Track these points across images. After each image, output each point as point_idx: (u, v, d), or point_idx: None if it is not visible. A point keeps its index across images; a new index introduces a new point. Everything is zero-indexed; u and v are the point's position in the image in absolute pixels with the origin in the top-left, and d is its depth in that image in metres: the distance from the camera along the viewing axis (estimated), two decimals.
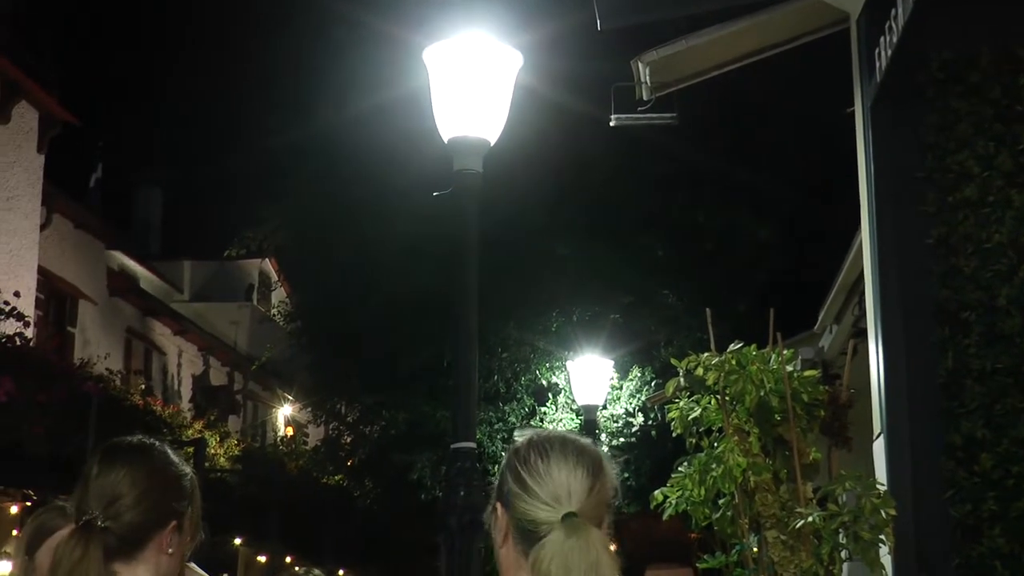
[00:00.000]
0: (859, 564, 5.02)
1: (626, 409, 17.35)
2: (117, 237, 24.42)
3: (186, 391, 26.38)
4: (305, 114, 18.65)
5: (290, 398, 27.28)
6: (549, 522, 2.04)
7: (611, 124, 9.68)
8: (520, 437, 2.19)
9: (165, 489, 2.30)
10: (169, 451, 2.37)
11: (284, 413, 29.07)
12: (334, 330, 18.13)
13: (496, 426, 17.28)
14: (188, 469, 2.40)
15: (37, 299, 18.43)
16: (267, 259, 30.70)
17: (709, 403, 5.44)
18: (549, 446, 2.12)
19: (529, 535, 2.07)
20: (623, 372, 17.16)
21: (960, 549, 5.11)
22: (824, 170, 16.46)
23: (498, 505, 2.15)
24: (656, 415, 16.30)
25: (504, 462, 2.17)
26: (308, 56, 20.03)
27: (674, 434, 5.64)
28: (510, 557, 2.13)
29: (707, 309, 5.84)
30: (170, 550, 2.29)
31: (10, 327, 10.76)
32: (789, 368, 5.27)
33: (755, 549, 5.29)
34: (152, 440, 2.38)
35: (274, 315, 28.72)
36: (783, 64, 8.36)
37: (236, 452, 19.92)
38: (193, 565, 2.50)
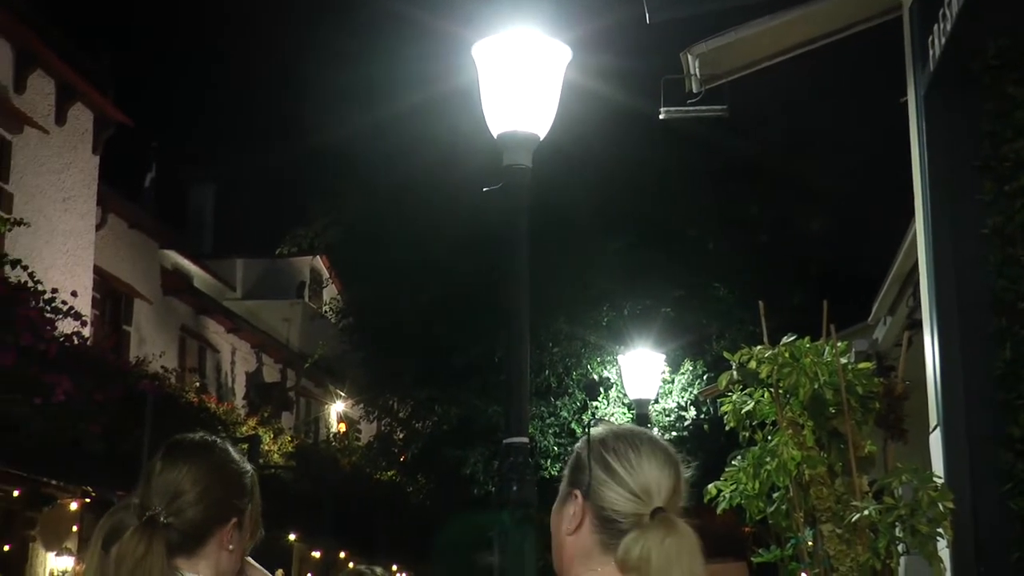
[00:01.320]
0: (917, 558, 4.97)
1: (678, 403, 17.30)
2: (171, 236, 24.63)
3: (240, 388, 26.56)
4: (356, 111, 18.72)
5: (342, 394, 27.40)
6: (635, 514, 2.04)
7: (661, 117, 9.64)
8: (599, 430, 2.17)
9: (226, 486, 2.31)
10: (230, 449, 2.39)
11: (336, 409, 29.18)
12: (385, 326, 18.19)
13: (548, 421, 17.28)
14: (248, 467, 2.41)
15: (93, 298, 18.63)
16: (318, 256, 30.84)
17: (762, 396, 5.40)
18: (639, 440, 2.12)
19: (611, 526, 2.06)
20: (675, 366, 17.11)
21: (1020, 543, 5.04)
22: (877, 160, 16.33)
23: (576, 493, 2.12)
24: (708, 409, 16.25)
25: (584, 451, 2.14)
26: (359, 53, 20.12)
27: (727, 428, 5.61)
28: (580, 546, 2.11)
29: (759, 302, 5.80)
30: (230, 547, 2.30)
31: (68, 326, 10.87)
32: (843, 360, 5.23)
33: (810, 543, 5.25)
34: (214, 438, 2.40)
35: (326, 312, 28.88)
36: (834, 54, 8.29)
37: (290, 449, 20.02)
38: (252, 561, 2.51)
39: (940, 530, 4.74)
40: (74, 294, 11.23)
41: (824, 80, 15.95)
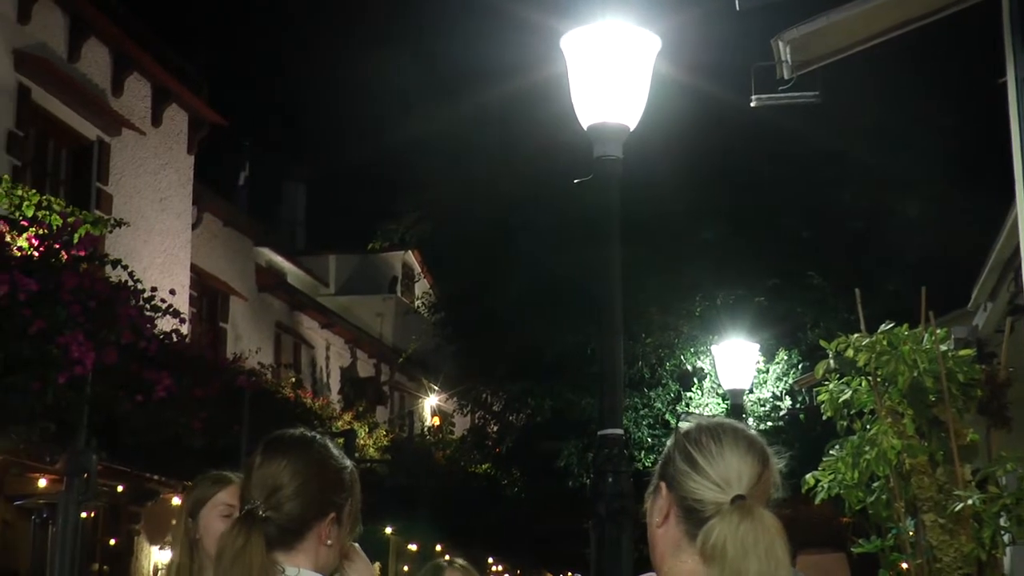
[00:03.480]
0: (1023, 548, 4.88)
1: (773, 393, 17.14)
2: (265, 234, 24.96)
3: (334, 383, 26.84)
4: (445, 104, 18.81)
5: (436, 388, 27.57)
6: (716, 503, 2.05)
7: (752, 105, 9.54)
8: (688, 423, 2.19)
9: (324, 481, 2.33)
10: (330, 444, 2.41)
11: (430, 403, 29.39)
12: (478, 320, 18.25)
13: (642, 412, 17.22)
14: (348, 463, 2.43)
15: (191, 296, 18.95)
16: (410, 251, 31.04)
17: (860, 385, 5.34)
18: (721, 430, 2.13)
19: (694, 515, 2.07)
20: (769, 355, 16.95)
21: None
22: (975, 143, 16.01)
23: (661, 485, 2.15)
24: (804, 398, 16.06)
25: (671, 444, 2.17)
26: (448, 45, 20.20)
27: (824, 417, 5.55)
28: (669, 538, 2.13)
29: (856, 289, 5.73)
30: (329, 542, 2.32)
31: (167, 324, 11.05)
32: (943, 348, 5.15)
33: (911, 533, 5.18)
34: (313, 434, 2.42)
35: (418, 307, 29.08)
36: (929, 36, 8.15)
37: (384, 443, 20.19)
38: (358, 547, 2.53)
39: None
40: (172, 292, 11.39)
41: (918, 63, 15.68)
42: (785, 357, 17.09)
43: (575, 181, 6.13)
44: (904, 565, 5.29)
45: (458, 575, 3.87)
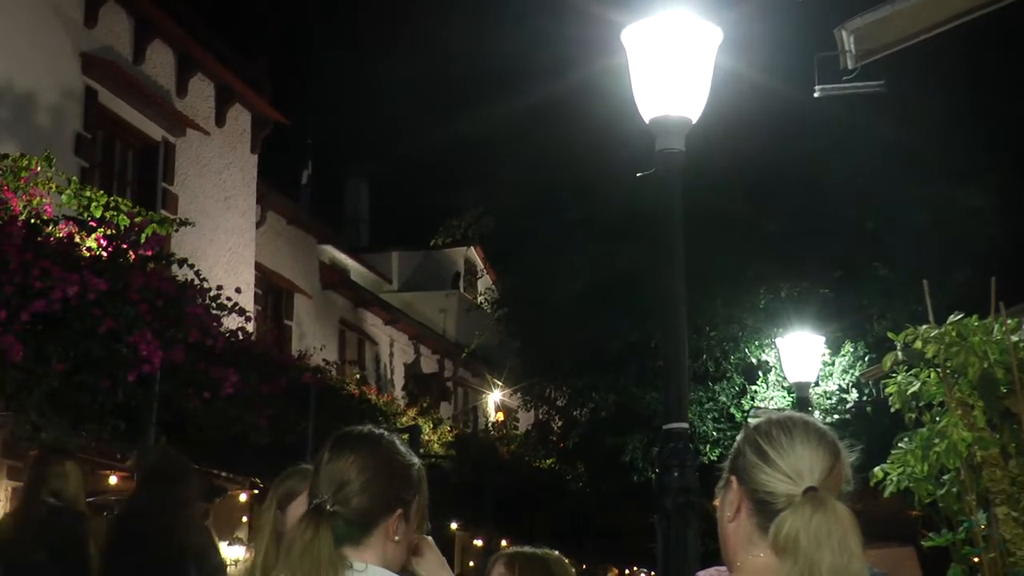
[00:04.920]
0: None
1: (839, 385, 16.99)
2: (328, 231, 25.13)
3: (398, 379, 26.96)
4: (506, 99, 18.79)
5: (499, 384, 27.60)
6: (788, 495, 2.05)
7: (815, 95, 9.46)
8: (757, 418, 2.19)
9: (391, 477, 2.35)
10: (397, 441, 2.43)
11: (494, 399, 29.42)
12: (541, 315, 18.25)
13: (707, 406, 17.15)
14: (416, 460, 2.44)
15: (256, 294, 19.11)
16: (472, 247, 31.09)
17: (929, 377, 5.28)
18: (792, 423, 2.14)
19: (766, 508, 2.08)
20: (835, 348, 16.80)
21: None
22: None
23: (732, 478, 2.16)
24: (871, 390, 15.90)
25: (741, 438, 2.18)
26: (508, 40, 20.20)
27: (892, 409, 5.49)
28: (741, 531, 2.13)
29: (923, 280, 5.67)
30: (396, 538, 2.33)
31: (233, 322, 11.16)
32: (1014, 338, 5.07)
33: (984, 526, 5.11)
34: (381, 430, 2.44)
35: (481, 302, 29.11)
36: (995, 22, 8.03)
37: (449, 438, 20.24)
38: (430, 540, 2.54)
39: None
40: (238, 290, 11.51)
41: (985, 50, 15.45)
42: (851, 349, 16.94)
43: (637, 174, 6.11)
44: (976, 559, 5.22)
45: (501, 568, 3.81)
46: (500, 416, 29.31)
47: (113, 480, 13.64)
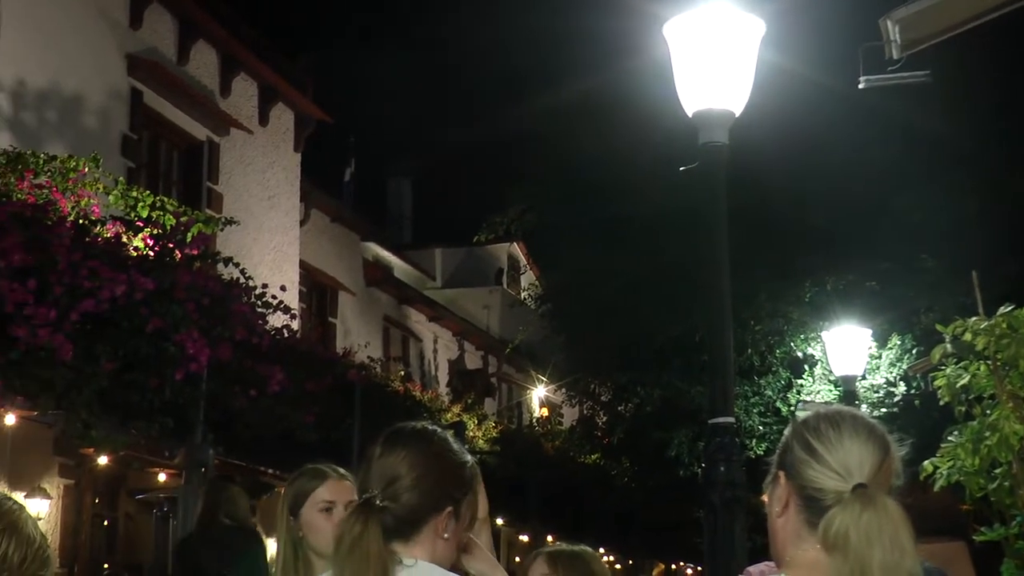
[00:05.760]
0: None
1: (887, 379, 16.85)
2: (371, 229, 25.21)
3: (443, 376, 27.02)
4: (547, 94, 18.77)
5: (544, 379, 27.60)
6: (837, 491, 2.04)
7: (860, 87, 9.37)
8: (806, 412, 2.18)
9: (442, 474, 2.35)
10: (450, 439, 2.42)
11: (538, 394, 29.43)
12: (584, 310, 18.21)
13: (752, 400, 17.05)
14: (468, 458, 2.44)
15: (300, 292, 19.22)
16: (515, 243, 31.10)
17: (979, 369, 5.22)
18: (840, 418, 2.12)
19: (814, 504, 2.07)
20: (882, 341, 16.66)
21: None
22: None
23: (780, 474, 2.15)
24: (919, 384, 15.76)
25: (789, 433, 2.17)
26: (550, 35, 20.15)
27: (941, 402, 5.44)
28: (790, 527, 2.12)
29: (973, 272, 5.61)
30: (446, 535, 2.33)
31: (278, 320, 11.22)
32: None
33: None
34: (434, 427, 2.44)
35: (524, 298, 29.12)
36: None
37: (494, 434, 20.26)
38: (478, 541, 2.54)
39: None
40: (283, 288, 11.56)
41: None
42: (898, 342, 16.79)
43: (681, 169, 6.08)
44: None
45: (543, 563, 3.77)
46: (544, 412, 29.31)
47: (162, 477, 13.79)
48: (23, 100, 12.94)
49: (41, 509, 12.05)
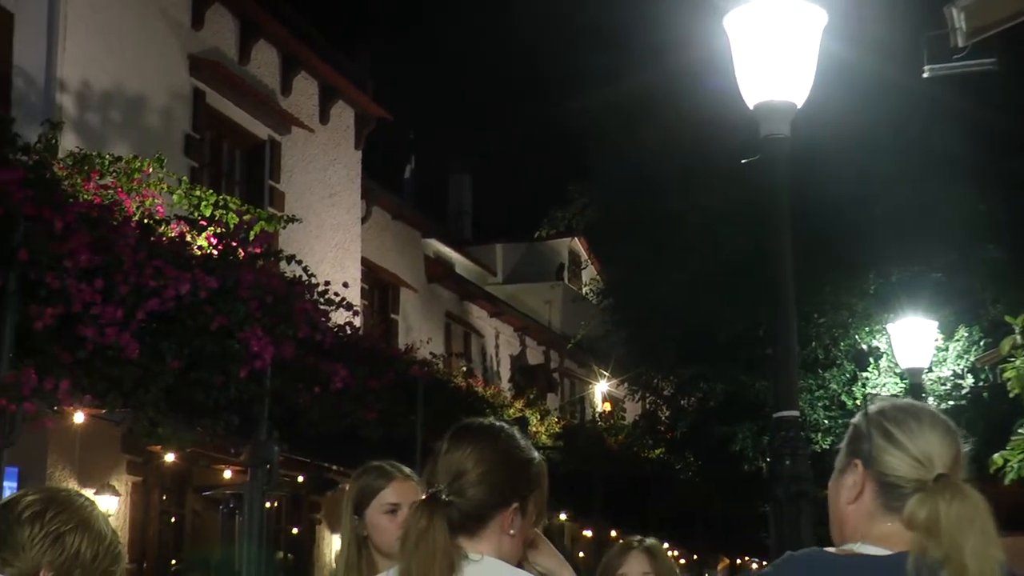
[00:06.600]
0: None
1: (954, 371, 16.64)
2: (432, 225, 25.30)
3: (504, 371, 27.08)
4: (606, 89, 18.70)
5: (606, 374, 27.58)
6: (917, 480, 2.08)
7: (924, 76, 9.25)
8: (877, 403, 2.19)
9: (509, 470, 2.34)
10: (517, 435, 2.42)
11: (601, 389, 29.41)
12: (646, 305, 18.15)
13: (817, 394, 16.90)
14: (535, 454, 2.44)
15: (362, 289, 19.32)
16: (576, 237, 31.07)
17: None
18: (918, 410, 2.17)
19: (892, 490, 2.10)
20: (948, 332, 16.45)
21: None
22: None
23: (857, 462, 2.16)
24: (988, 376, 15.55)
25: (862, 422, 2.19)
26: (607, 28, 20.06)
27: (1011, 395, 5.37)
28: (863, 510, 2.15)
29: None
30: (512, 531, 2.32)
31: (341, 317, 11.28)
32: None
33: None
34: (502, 424, 2.44)
35: (586, 293, 29.07)
36: None
37: (557, 429, 20.27)
38: (542, 535, 2.54)
39: None
40: (345, 285, 11.64)
41: None
42: (966, 334, 16.57)
43: (743, 161, 6.04)
44: None
45: (643, 556, 3.84)
46: (607, 406, 29.28)
47: (228, 474, 13.93)
48: (88, 102, 13.12)
49: (110, 506, 12.22)
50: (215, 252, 9.72)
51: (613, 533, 20.96)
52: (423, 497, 2.30)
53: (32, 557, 2.23)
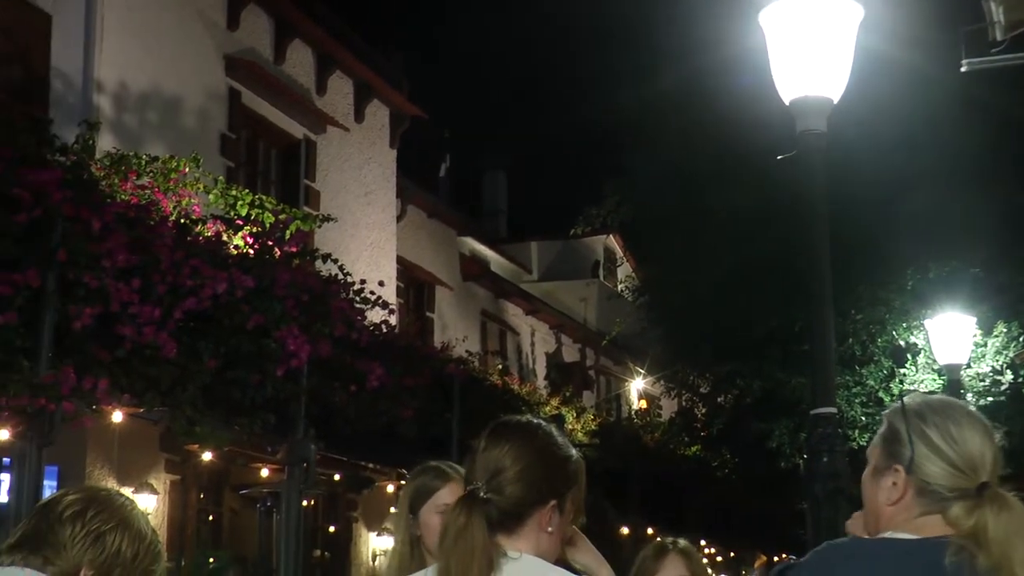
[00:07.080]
0: None
1: (992, 367, 16.52)
2: (467, 223, 25.32)
3: (540, 369, 27.07)
4: (641, 85, 18.67)
5: (642, 371, 27.52)
6: (961, 488, 2.10)
7: (962, 69, 9.19)
8: (913, 402, 2.19)
9: (546, 468, 2.34)
10: (555, 433, 2.42)
11: (637, 386, 29.35)
12: (682, 302, 18.11)
13: (854, 390, 16.81)
14: (573, 452, 2.44)
15: (398, 287, 19.36)
16: (611, 235, 31.02)
17: None
18: (958, 414, 2.18)
19: (933, 495, 2.13)
20: (987, 328, 16.33)
21: None
22: None
23: (897, 467, 2.18)
24: None
25: (900, 424, 2.20)
26: (642, 25, 20.03)
27: None
28: (902, 507, 2.17)
29: None
30: (549, 529, 2.32)
31: (376, 315, 11.31)
32: None
33: None
34: (539, 421, 2.44)
35: (621, 290, 29.02)
36: None
37: (593, 427, 20.25)
38: (581, 533, 2.53)
39: None
40: (381, 284, 11.66)
41: None
42: (1004, 330, 16.45)
43: (779, 157, 6.01)
44: None
45: (680, 559, 3.83)
46: (643, 404, 29.21)
47: (265, 473, 13.99)
48: (125, 102, 13.20)
49: (148, 504, 12.30)
50: (251, 251, 9.76)
51: (650, 530, 20.92)
52: (462, 495, 2.30)
53: (73, 556, 2.24)
